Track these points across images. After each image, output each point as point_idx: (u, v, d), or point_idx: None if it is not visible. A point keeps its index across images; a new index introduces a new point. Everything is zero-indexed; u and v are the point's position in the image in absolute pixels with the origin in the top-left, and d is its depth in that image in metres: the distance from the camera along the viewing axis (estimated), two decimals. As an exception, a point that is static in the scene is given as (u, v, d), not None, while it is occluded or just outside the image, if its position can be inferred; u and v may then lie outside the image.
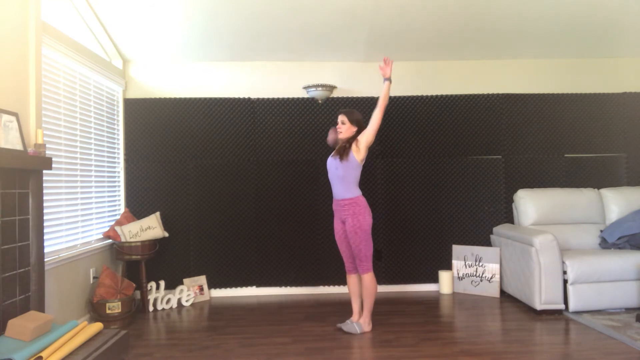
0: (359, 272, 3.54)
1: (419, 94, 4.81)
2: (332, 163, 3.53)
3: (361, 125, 3.54)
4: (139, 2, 3.78)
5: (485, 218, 4.78)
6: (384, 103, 3.41)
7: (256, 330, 3.60)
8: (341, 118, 3.54)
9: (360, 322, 3.52)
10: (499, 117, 4.81)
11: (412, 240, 4.73)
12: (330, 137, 3.69)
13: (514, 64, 4.90)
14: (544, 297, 3.83)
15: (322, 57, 4.71)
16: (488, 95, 4.81)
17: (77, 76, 3.76)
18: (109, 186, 4.34)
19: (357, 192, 3.49)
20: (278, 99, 4.72)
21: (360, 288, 3.60)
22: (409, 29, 4.25)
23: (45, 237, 3.05)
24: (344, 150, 3.47)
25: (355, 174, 3.47)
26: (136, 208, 4.57)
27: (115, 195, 4.48)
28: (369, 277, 3.47)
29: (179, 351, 3.18)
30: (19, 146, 2.64)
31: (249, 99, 4.71)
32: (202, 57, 4.66)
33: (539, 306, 3.85)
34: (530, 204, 4.49)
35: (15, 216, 2.62)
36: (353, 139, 3.50)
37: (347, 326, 3.51)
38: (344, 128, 3.52)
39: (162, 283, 4.37)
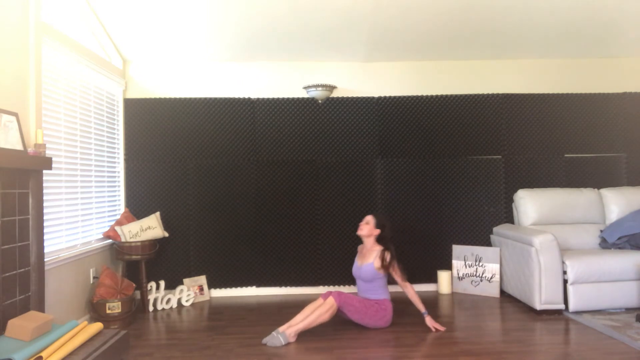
0: (332, 299, 3.40)
1: (419, 94, 4.81)
2: (355, 264, 3.78)
3: (384, 231, 3.68)
4: (139, 2, 3.78)
5: (485, 218, 4.78)
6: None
7: (256, 330, 3.59)
8: (368, 218, 3.74)
9: (286, 333, 3.26)
10: (499, 117, 4.80)
11: (412, 240, 4.73)
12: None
13: (514, 64, 4.90)
14: (544, 297, 3.83)
15: (322, 57, 4.70)
16: (488, 95, 4.81)
17: (77, 76, 3.75)
18: (109, 186, 4.34)
19: (383, 295, 3.63)
20: (278, 99, 4.72)
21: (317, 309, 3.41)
22: (409, 28, 4.25)
23: (45, 237, 3.05)
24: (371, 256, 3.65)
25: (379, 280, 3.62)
26: (136, 208, 4.57)
27: (115, 195, 4.48)
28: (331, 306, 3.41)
29: (179, 351, 3.18)
30: (19, 146, 2.64)
31: (249, 99, 4.71)
32: (202, 57, 4.66)
33: (539, 306, 3.85)
34: (530, 204, 4.49)
35: (15, 216, 2.63)
36: (382, 249, 3.63)
37: (272, 339, 3.25)
38: (366, 228, 3.69)
39: (162, 283, 4.37)
